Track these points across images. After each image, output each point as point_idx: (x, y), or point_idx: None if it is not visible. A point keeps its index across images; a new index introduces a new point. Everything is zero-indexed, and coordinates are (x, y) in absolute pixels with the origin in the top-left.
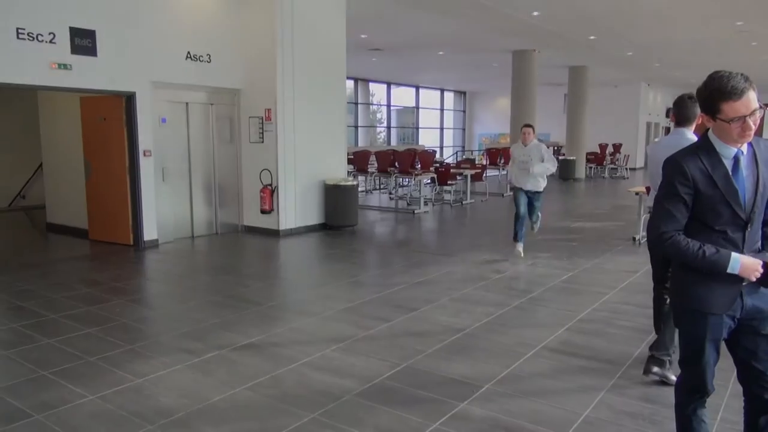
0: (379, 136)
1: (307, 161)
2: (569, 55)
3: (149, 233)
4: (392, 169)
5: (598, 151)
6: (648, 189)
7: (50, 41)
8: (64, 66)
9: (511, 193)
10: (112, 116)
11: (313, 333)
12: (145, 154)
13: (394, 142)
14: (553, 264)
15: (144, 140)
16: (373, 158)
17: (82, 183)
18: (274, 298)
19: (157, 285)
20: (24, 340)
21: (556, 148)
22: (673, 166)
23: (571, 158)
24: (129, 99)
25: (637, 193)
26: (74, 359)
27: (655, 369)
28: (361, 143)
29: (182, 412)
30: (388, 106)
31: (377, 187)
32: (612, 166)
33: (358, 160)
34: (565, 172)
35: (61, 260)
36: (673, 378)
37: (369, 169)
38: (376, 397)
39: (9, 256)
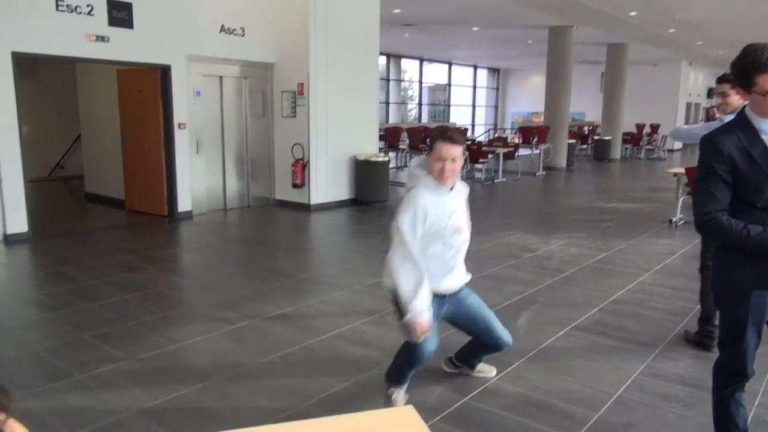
0: (410, 114)
1: (338, 136)
2: (608, 33)
3: (183, 204)
4: (424, 145)
5: (635, 132)
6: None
7: (88, 13)
8: (101, 38)
9: (543, 173)
10: (147, 89)
11: (343, 306)
12: (179, 127)
13: (425, 119)
14: (587, 244)
15: (179, 113)
16: (404, 135)
17: (118, 154)
18: (304, 270)
19: (191, 255)
20: (65, 304)
21: (591, 127)
22: (709, 144)
23: (607, 138)
24: (164, 72)
25: (675, 174)
26: (113, 323)
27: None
28: (392, 120)
29: (215, 378)
30: (420, 82)
31: (408, 164)
32: (649, 147)
33: (389, 136)
34: (600, 152)
35: (99, 229)
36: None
37: (400, 146)
38: None
39: (50, 224)
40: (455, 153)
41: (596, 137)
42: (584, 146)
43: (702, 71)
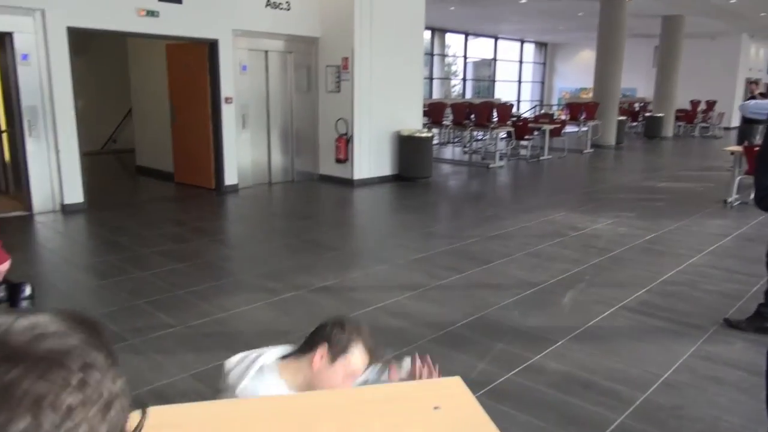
0: (453, 89)
1: (382, 111)
2: (663, 4)
3: (230, 178)
4: (468, 121)
5: (689, 109)
6: None
7: None
8: (151, 13)
9: (591, 150)
10: (195, 63)
11: (386, 280)
12: (226, 101)
13: (468, 95)
14: (636, 224)
15: (226, 87)
16: (448, 110)
17: (168, 128)
18: (348, 244)
19: (237, 227)
20: (119, 272)
21: (642, 104)
22: None
23: (659, 115)
24: (212, 46)
25: (732, 153)
26: (164, 291)
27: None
28: (435, 96)
29: (262, 345)
30: (465, 57)
31: (451, 140)
32: (704, 124)
33: (433, 112)
34: (651, 129)
35: (149, 201)
36: None
37: (444, 122)
38: (449, 344)
39: (104, 196)
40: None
41: (647, 114)
42: (635, 123)
43: (764, 44)
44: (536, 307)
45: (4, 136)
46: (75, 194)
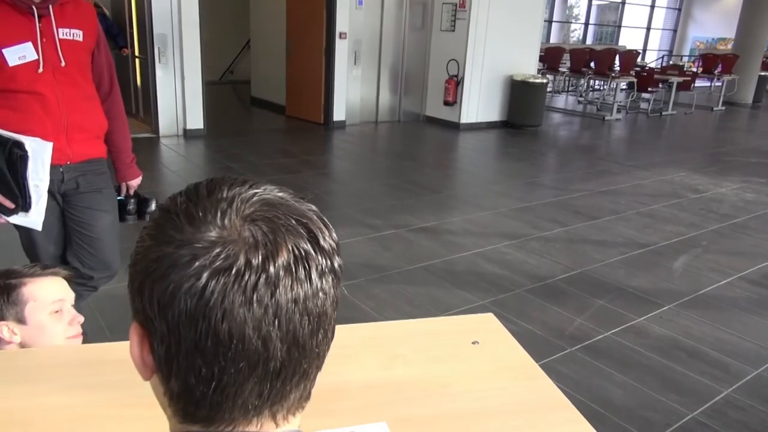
0: (573, 34)
1: (496, 54)
2: None
3: (338, 114)
4: (587, 69)
5: None
6: None
7: None
8: None
9: (723, 108)
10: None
11: (486, 226)
12: (340, 37)
13: (589, 41)
14: (767, 191)
15: (341, 22)
16: (566, 57)
17: (283, 62)
18: (450, 188)
19: (343, 163)
20: None
21: None
22: None
23: None
24: None
25: None
26: None
27: None
28: (553, 40)
29: (363, 278)
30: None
31: (566, 88)
32: None
33: (549, 58)
34: None
35: (262, 131)
36: None
37: (560, 68)
38: (546, 295)
39: (221, 124)
40: None
41: None
42: None
43: None
44: (644, 269)
45: (137, 62)
46: (196, 120)
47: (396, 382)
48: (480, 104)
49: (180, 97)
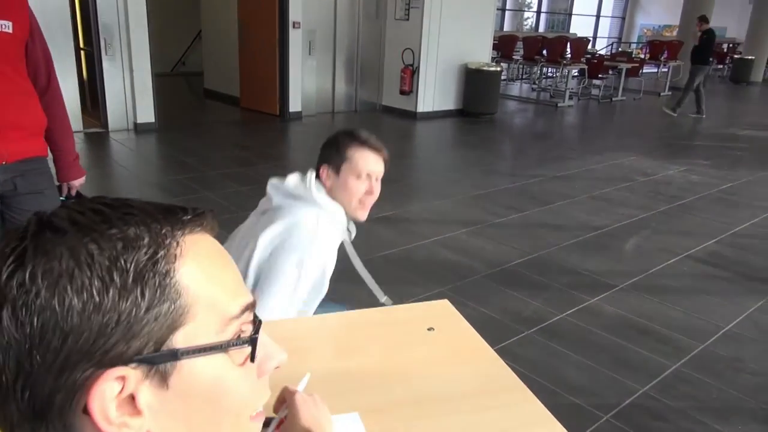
0: (526, 22)
1: (451, 42)
2: None
3: (294, 105)
4: (539, 57)
5: None
6: None
7: None
8: None
9: (669, 93)
10: None
11: (444, 214)
12: (294, 26)
13: (542, 28)
14: (711, 173)
15: (294, 11)
16: (519, 45)
17: (235, 52)
18: (408, 176)
19: (300, 154)
20: (188, 191)
21: (731, 45)
22: None
23: (749, 58)
24: None
25: None
26: (230, 212)
27: None
28: (507, 28)
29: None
30: None
31: (520, 76)
32: None
33: (503, 46)
34: (738, 73)
35: (216, 124)
36: None
37: (514, 56)
38: (504, 280)
39: (173, 117)
40: (381, 168)
41: (736, 56)
42: (720, 66)
43: None
44: (597, 251)
45: (83, 54)
46: (147, 114)
47: (353, 372)
48: (436, 93)
49: (129, 90)
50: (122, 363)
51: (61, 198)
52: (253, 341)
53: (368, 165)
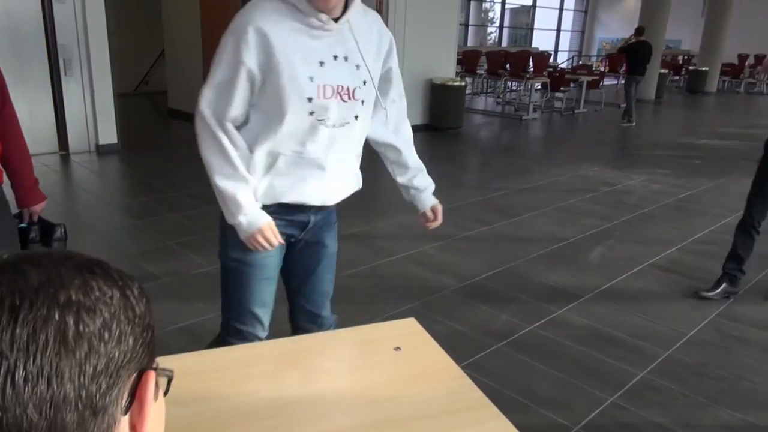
0: (489, 37)
1: (415, 58)
2: None
3: None
4: (503, 71)
5: (736, 63)
6: None
7: None
8: None
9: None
10: (228, 5)
11: (412, 229)
12: None
13: (505, 43)
14: (670, 181)
15: None
16: (483, 59)
17: (200, 71)
18: (375, 192)
19: None
20: (152, 212)
21: (686, 57)
22: None
23: (704, 69)
24: None
25: None
26: (194, 233)
27: None
28: (470, 43)
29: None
30: (503, 3)
31: (485, 90)
32: (750, 80)
33: (467, 60)
34: (694, 84)
35: (181, 143)
36: None
37: (478, 71)
38: (473, 294)
39: (137, 137)
40: None
41: (691, 68)
42: (676, 77)
43: None
44: (563, 262)
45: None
46: (109, 135)
47: (320, 396)
48: None
49: (90, 110)
50: None
51: (22, 225)
52: None
53: None
